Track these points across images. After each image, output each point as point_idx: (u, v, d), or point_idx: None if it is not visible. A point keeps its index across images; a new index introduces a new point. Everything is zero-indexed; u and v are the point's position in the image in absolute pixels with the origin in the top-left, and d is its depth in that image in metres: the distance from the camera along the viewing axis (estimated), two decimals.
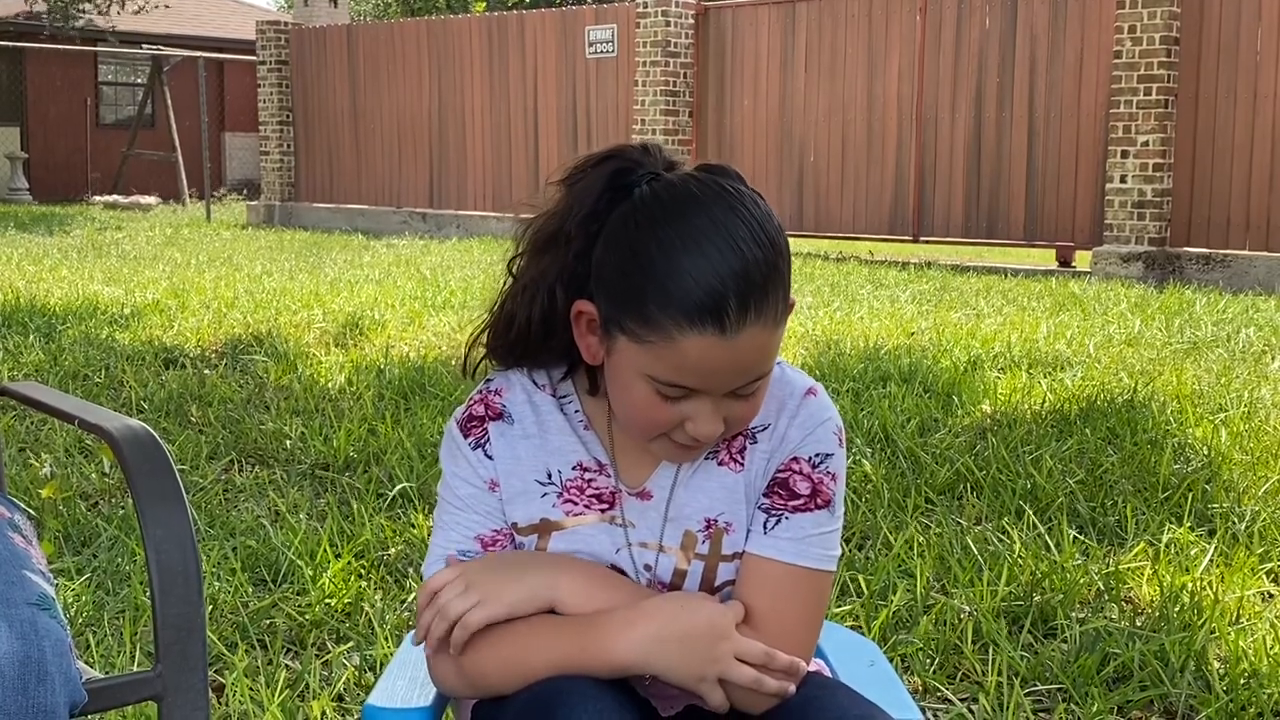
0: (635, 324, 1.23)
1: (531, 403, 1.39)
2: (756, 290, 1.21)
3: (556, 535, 1.36)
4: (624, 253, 1.24)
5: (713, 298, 1.20)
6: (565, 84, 14.26)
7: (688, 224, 1.22)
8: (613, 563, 1.36)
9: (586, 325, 1.30)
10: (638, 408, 1.28)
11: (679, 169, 1.30)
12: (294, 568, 3.01)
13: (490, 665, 1.31)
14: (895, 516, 3.50)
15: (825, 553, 1.35)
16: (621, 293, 1.24)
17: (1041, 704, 2.42)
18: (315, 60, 16.59)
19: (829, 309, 7.68)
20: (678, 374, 1.23)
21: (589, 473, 1.37)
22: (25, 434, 4.35)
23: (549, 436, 1.38)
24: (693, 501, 1.36)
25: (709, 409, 1.26)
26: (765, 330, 1.23)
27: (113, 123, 24.70)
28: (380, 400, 4.89)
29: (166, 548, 1.47)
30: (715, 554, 1.36)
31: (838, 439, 1.38)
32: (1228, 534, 3.31)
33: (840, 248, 12.97)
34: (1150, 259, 10.44)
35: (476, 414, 1.39)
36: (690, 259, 1.20)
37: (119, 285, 8.55)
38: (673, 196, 1.24)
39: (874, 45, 12.19)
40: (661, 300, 1.21)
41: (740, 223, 1.22)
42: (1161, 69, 10.42)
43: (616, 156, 1.31)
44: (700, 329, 1.20)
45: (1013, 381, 5.24)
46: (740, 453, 1.37)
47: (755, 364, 1.25)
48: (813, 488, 1.35)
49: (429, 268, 10.21)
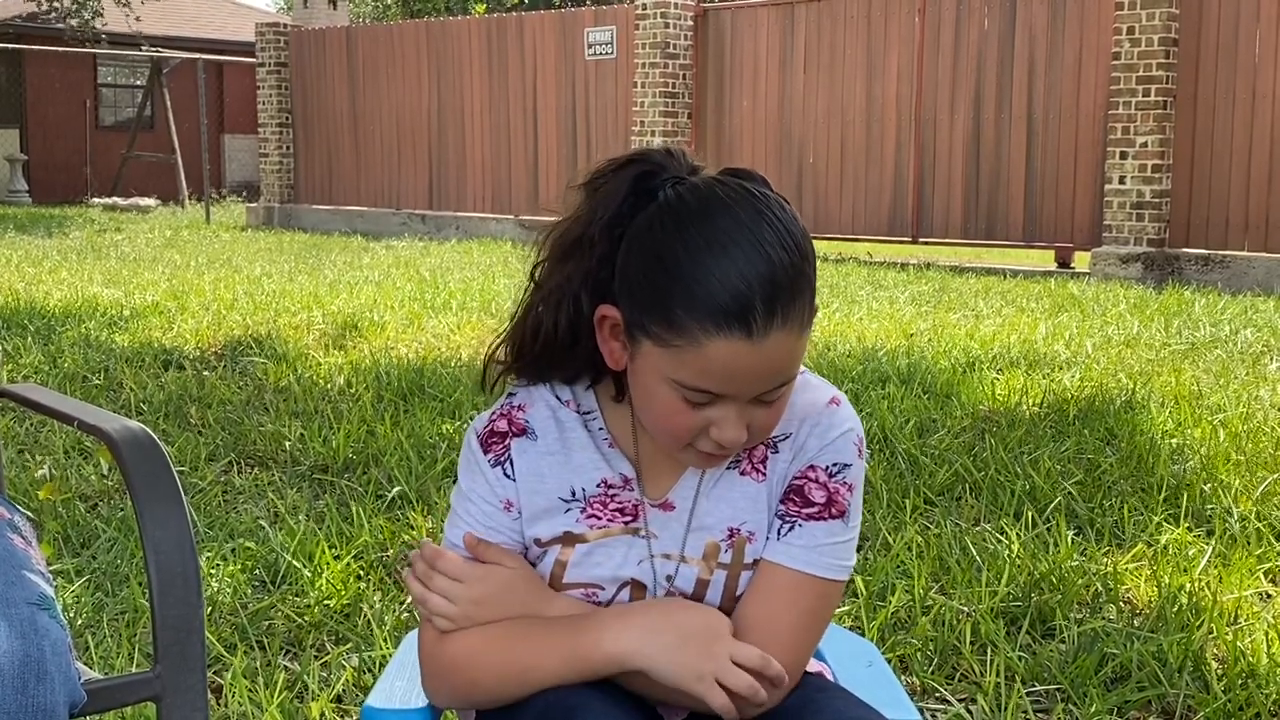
0: (660, 328, 1.22)
1: (556, 418, 1.37)
2: (783, 294, 1.20)
3: (580, 548, 1.35)
4: (649, 256, 1.23)
5: (739, 301, 1.19)
6: (565, 85, 14.27)
7: (714, 227, 1.21)
8: (633, 576, 1.35)
9: (610, 330, 1.29)
10: (662, 413, 1.27)
11: (702, 173, 1.30)
12: (293, 569, 3.02)
13: (482, 671, 1.31)
14: (894, 517, 3.50)
15: (836, 562, 1.34)
16: (646, 296, 1.23)
17: (1040, 704, 2.43)
18: (315, 62, 16.60)
19: (828, 310, 7.69)
20: (703, 378, 1.22)
21: (613, 488, 1.36)
22: (24, 436, 4.35)
23: (573, 454, 1.36)
24: (715, 511, 1.36)
25: (734, 415, 1.25)
26: (791, 335, 1.22)
27: (112, 124, 24.71)
28: (379, 402, 4.89)
29: (165, 549, 1.48)
30: (738, 563, 1.35)
31: (857, 449, 1.36)
32: (1226, 534, 3.32)
33: (839, 249, 12.98)
34: (1149, 260, 10.45)
35: (499, 429, 1.37)
36: (716, 262, 1.19)
37: (118, 287, 8.55)
38: (698, 200, 1.24)
39: (873, 46, 12.20)
40: (687, 303, 1.20)
41: (767, 226, 1.21)
42: (1160, 70, 10.43)
43: (640, 160, 1.30)
44: (726, 333, 1.19)
45: (1011, 382, 5.25)
46: (762, 462, 1.36)
47: (781, 369, 1.24)
48: (828, 497, 1.34)
49: (428, 269, 10.22)
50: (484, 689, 1.32)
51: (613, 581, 1.36)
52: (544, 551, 1.36)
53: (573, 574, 1.36)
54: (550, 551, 1.36)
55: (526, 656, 1.29)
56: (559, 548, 1.36)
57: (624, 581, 1.36)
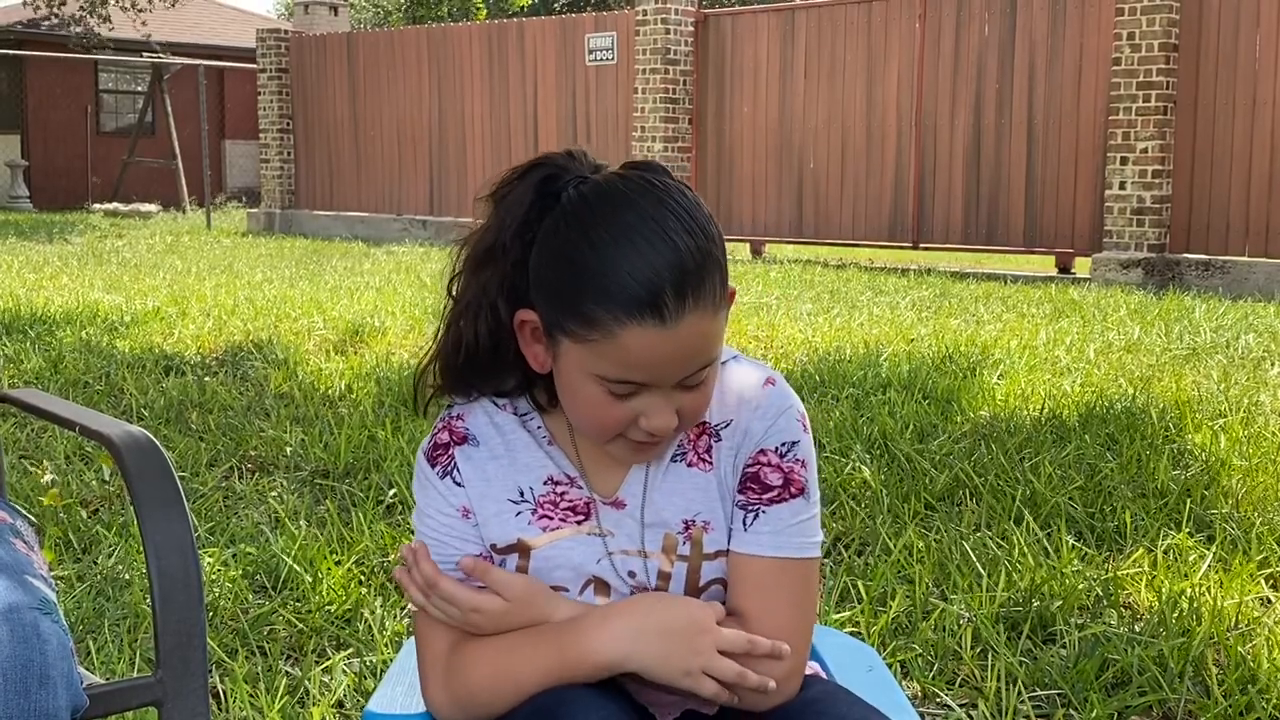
0: (577, 324, 1.24)
1: (494, 423, 1.39)
2: (692, 278, 1.22)
3: (536, 553, 1.36)
4: (558, 256, 1.25)
5: (649, 289, 1.21)
6: (565, 91, 14.28)
7: (618, 220, 1.23)
8: (594, 574, 1.36)
9: (531, 333, 1.31)
10: (590, 409, 1.29)
11: (604, 171, 1.32)
12: (294, 574, 3.02)
13: (477, 682, 1.32)
14: (894, 522, 3.50)
15: (806, 540, 1.36)
16: (560, 296, 1.25)
17: (1041, 709, 2.42)
18: (315, 68, 16.62)
19: (829, 315, 7.69)
20: (624, 369, 1.24)
21: (560, 486, 1.37)
22: (26, 441, 4.36)
23: (516, 454, 1.38)
24: (668, 505, 1.37)
25: (660, 402, 1.27)
26: (705, 317, 1.24)
27: (113, 130, 24.72)
28: (380, 407, 4.90)
29: (167, 554, 1.48)
30: (697, 554, 1.37)
31: (801, 425, 1.38)
32: (1226, 540, 3.31)
33: (840, 254, 12.98)
34: (1149, 265, 10.45)
35: (441, 441, 1.39)
36: (624, 254, 1.22)
37: (119, 292, 8.55)
38: (600, 196, 1.26)
39: (873, 52, 12.21)
40: (599, 297, 1.22)
41: (669, 214, 1.23)
42: (1160, 76, 10.44)
43: (542, 165, 1.33)
44: (640, 321, 1.21)
45: (1012, 388, 5.25)
46: (707, 452, 1.37)
47: (699, 352, 1.26)
48: (784, 478, 1.36)
49: (429, 275, 10.22)
50: (481, 703, 1.33)
51: (575, 581, 1.36)
52: (501, 560, 1.37)
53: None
54: (507, 561, 1.37)
55: (517, 668, 1.30)
56: (515, 557, 1.36)
57: (587, 579, 1.36)
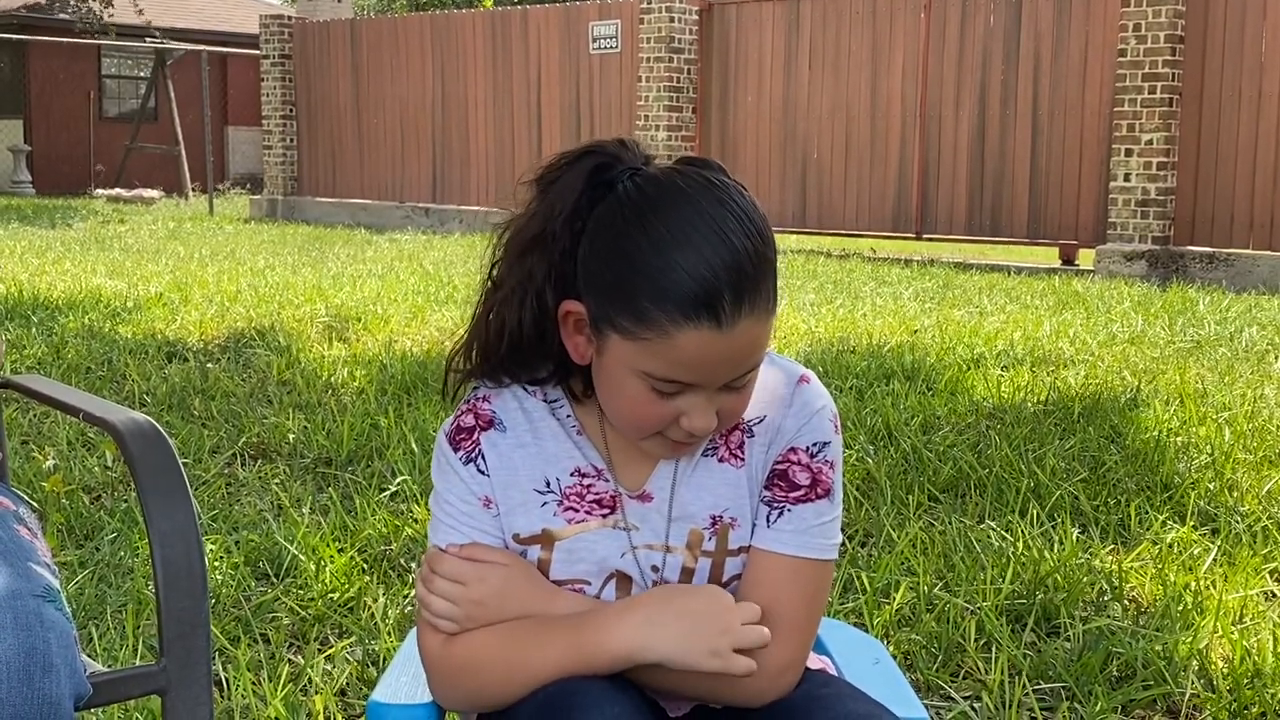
0: (628, 321, 1.22)
1: (523, 409, 1.36)
2: (749, 281, 1.21)
3: (560, 545, 1.35)
4: (613, 250, 1.23)
5: (707, 291, 1.19)
6: (569, 79, 14.25)
7: (677, 218, 1.21)
8: (617, 568, 1.35)
9: (575, 325, 1.29)
10: (631, 406, 1.27)
11: (654, 163, 1.30)
12: (296, 562, 3.01)
13: (486, 673, 1.30)
14: (898, 514, 3.50)
15: (827, 542, 1.35)
16: (612, 290, 1.23)
17: (1045, 702, 2.42)
18: (318, 54, 16.58)
19: (832, 306, 7.68)
20: (673, 369, 1.23)
21: (587, 478, 1.36)
22: (28, 427, 4.35)
23: (544, 443, 1.36)
24: (696, 500, 1.35)
25: (703, 402, 1.26)
26: (758, 321, 1.23)
27: (116, 116, 24.69)
28: (383, 395, 4.89)
29: (171, 542, 1.47)
30: (722, 550, 1.35)
31: (833, 426, 1.37)
32: (1231, 533, 3.31)
33: (843, 245, 12.96)
34: (1154, 257, 10.43)
35: (465, 425, 1.36)
36: (682, 253, 1.20)
37: (122, 278, 8.54)
38: (658, 190, 1.24)
39: (878, 42, 12.18)
40: (655, 296, 1.20)
41: (728, 214, 1.22)
42: (1166, 67, 10.41)
43: (595, 152, 1.29)
44: (696, 323, 1.20)
45: (1016, 379, 5.24)
46: (739, 448, 1.36)
47: (749, 355, 1.25)
48: (812, 478, 1.35)
49: (431, 262, 10.21)
50: (490, 694, 1.31)
51: (598, 575, 1.35)
52: (523, 550, 1.35)
53: (557, 571, 1.35)
54: (530, 550, 1.35)
55: (531, 661, 1.28)
56: (538, 548, 1.35)
57: (610, 574, 1.35)
